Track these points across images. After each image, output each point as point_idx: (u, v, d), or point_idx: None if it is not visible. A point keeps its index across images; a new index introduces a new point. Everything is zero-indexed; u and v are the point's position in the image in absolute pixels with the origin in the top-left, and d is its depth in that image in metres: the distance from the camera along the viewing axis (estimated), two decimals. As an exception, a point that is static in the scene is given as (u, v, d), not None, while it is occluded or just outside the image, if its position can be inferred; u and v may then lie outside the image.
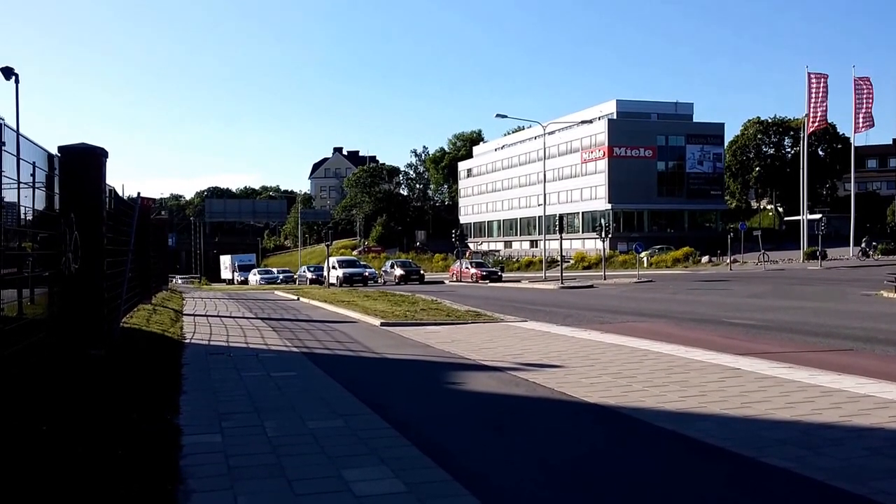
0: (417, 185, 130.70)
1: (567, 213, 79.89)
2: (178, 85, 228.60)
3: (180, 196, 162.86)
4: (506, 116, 54.14)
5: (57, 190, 9.08)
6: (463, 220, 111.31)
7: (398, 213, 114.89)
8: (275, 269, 70.91)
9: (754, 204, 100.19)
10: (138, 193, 16.26)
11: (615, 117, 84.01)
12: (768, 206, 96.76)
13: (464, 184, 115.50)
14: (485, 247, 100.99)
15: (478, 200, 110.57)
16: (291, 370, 10.25)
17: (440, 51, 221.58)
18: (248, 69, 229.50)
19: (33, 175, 7.79)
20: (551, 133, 75.90)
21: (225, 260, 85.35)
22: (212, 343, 13.42)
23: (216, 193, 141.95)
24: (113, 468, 5.10)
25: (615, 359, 10.93)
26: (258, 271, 68.85)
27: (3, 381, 6.42)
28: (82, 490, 4.65)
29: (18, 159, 7.10)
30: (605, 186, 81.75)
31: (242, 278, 70.90)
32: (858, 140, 66.22)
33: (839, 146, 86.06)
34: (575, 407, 7.89)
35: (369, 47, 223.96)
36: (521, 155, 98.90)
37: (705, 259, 62.52)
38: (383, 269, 56.37)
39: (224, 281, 77.93)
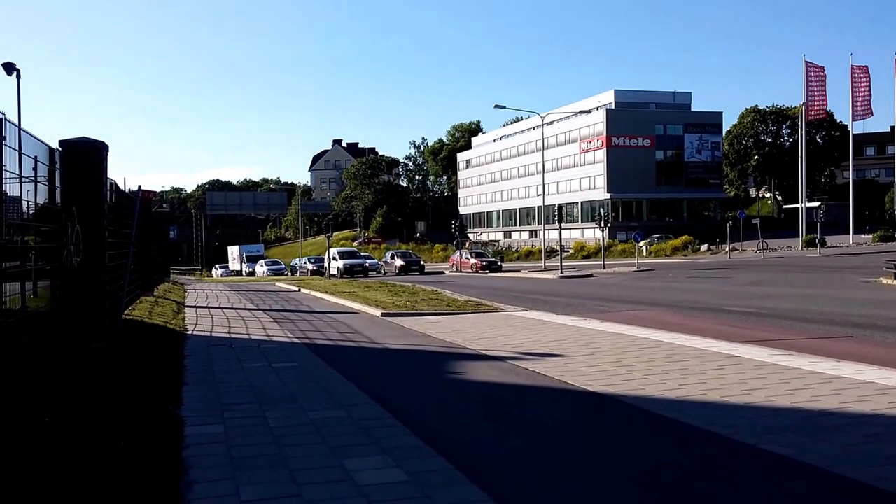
0: (417, 177, 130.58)
1: (566, 203, 79.79)
2: (179, 79, 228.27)
3: (181, 189, 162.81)
4: (504, 107, 54.36)
5: (58, 184, 9.10)
6: (462, 210, 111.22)
7: (398, 204, 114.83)
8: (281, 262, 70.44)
9: (753, 192, 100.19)
10: (139, 186, 16.26)
11: (613, 107, 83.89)
12: (767, 195, 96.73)
13: (463, 175, 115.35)
14: (484, 237, 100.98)
15: (477, 191, 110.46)
16: (293, 361, 10.28)
17: (439, 42, 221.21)
18: (247, 63, 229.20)
19: (35, 169, 7.81)
20: (550, 123, 75.75)
21: (233, 251, 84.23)
22: (214, 334, 13.45)
23: (217, 186, 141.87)
24: (116, 459, 5.12)
25: (615, 347, 10.96)
26: (265, 262, 67.98)
27: (6, 374, 6.45)
28: (85, 481, 4.68)
29: (20, 154, 7.11)
30: (603, 176, 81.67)
31: (250, 269, 70.36)
32: (857, 128, 66.15)
33: (837, 134, 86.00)
34: (575, 395, 7.92)
35: (368, 39, 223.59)
36: (520, 145, 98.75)
37: (704, 247, 62.57)
38: (383, 259, 56.37)
39: (232, 272, 77.14)
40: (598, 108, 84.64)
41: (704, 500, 4.80)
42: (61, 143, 9.38)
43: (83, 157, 9.64)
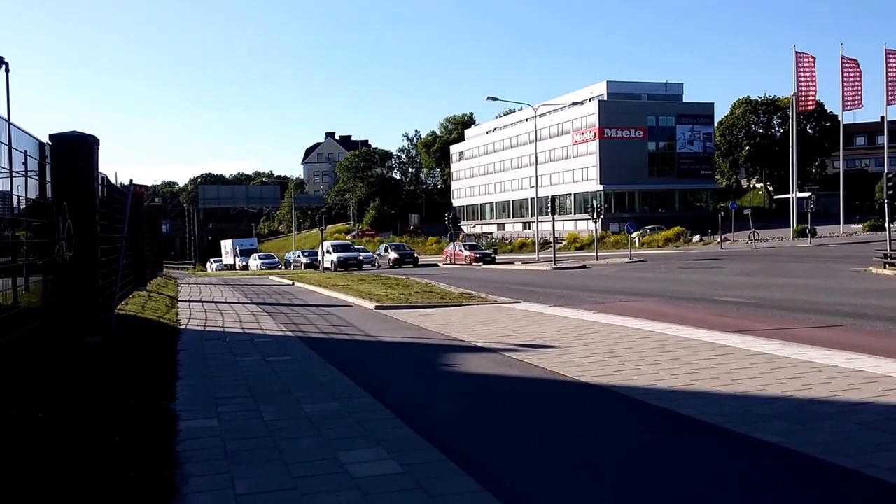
0: (410, 169, 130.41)
1: (559, 195, 79.53)
2: (171, 73, 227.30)
3: (174, 183, 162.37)
4: (497, 99, 54.31)
5: (49, 178, 9.07)
6: (456, 203, 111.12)
7: (391, 196, 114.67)
8: (275, 255, 70.04)
9: (744, 183, 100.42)
10: (131, 180, 16.18)
11: (606, 98, 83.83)
12: (758, 185, 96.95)
13: (456, 167, 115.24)
14: (478, 229, 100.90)
15: (470, 183, 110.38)
16: (287, 354, 10.29)
17: (431, 35, 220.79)
18: (239, 56, 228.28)
19: (25, 164, 7.78)
20: (542, 115, 75.74)
21: (226, 245, 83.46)
22: (207, 329, 13.44)
23: (209, 180, 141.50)
24: (110, 454, 5.14)
25: (607, 338, 11.01)
26: (259, 256, 67.43)
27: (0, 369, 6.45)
28: (80, 476, 4.69)
29: (10, 148, 7.09)
30: (596, 167, 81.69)
31: (243, 263, 69.98)
32: (847, 118, 66.28)
33: (828, 124, 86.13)
34: (568, 387, 7.95)
35: (361, 32, 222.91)
36: (513, 137, 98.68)
37: (696, 238, 62.70)
38: (377, 252, 56.32)
39: (226, 266, 76.55)
40: (590, 100, 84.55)
41: (697, 488, 4.84)
42: (51, 137, 9.34)
43: (74, 151, 9.61)
